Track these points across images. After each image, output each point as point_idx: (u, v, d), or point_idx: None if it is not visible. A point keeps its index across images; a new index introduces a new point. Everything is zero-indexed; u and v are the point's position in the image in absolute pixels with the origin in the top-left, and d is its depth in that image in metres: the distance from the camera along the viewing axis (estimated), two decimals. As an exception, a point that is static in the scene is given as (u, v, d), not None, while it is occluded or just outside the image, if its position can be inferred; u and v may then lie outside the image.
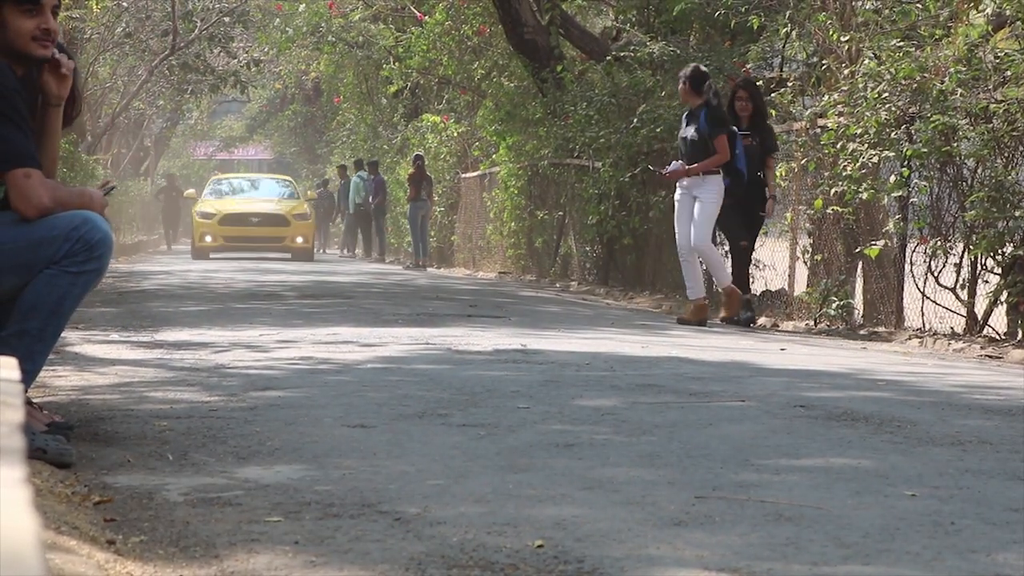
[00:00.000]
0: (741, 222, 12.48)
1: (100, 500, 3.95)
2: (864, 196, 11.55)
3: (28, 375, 4.54)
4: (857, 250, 12.04)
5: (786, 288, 13.62)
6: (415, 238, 28.29)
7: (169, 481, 4.27)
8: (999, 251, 10.39)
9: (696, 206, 12.14)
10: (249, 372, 7.33)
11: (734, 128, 12.18)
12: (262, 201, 32.25)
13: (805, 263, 13.15)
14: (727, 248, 13.64)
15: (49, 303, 4.53)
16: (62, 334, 4.86)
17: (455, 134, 28.65)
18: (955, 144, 10.82)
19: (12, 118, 4.46)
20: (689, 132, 12.13)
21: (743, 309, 12.37)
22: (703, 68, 12.37)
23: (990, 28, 11.13)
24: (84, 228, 4.54)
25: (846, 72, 12.20)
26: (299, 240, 30.92)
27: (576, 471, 4.41)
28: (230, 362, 7.84)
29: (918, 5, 11.80)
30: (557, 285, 19.91)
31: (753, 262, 14.76)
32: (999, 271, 10.50)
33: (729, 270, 12.77)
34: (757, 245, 13.10)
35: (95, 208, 4.69)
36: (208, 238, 30.75)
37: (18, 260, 4.51)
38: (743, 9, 15.02)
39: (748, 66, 16.01)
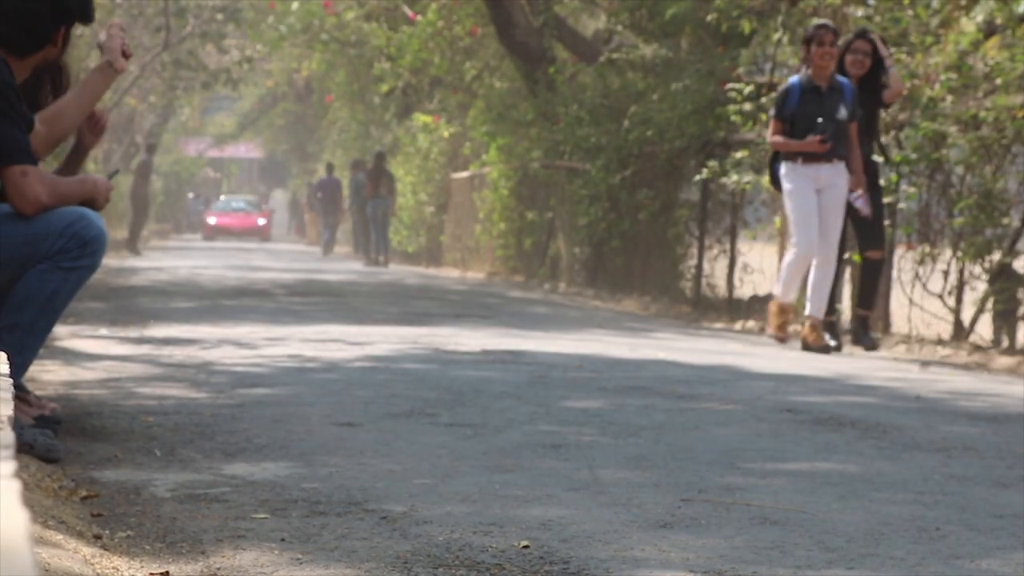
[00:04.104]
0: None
1: (87, 495, 3.96)
2: (853, 202, 11.56)
3: (18, 368, 4.55)
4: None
5: (774, 292, 13.63)
6: (377, 235, 28.44)
7: (156, 477, 4.28)
8: (986, 258, 10.42)
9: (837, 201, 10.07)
10: (237, 369, 7.33)
11: None
12: None
13: (794, 268, 13.15)
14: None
15: (41, 298, 4.53)
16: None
17: (446, 134, 28.65)
18: (944, 151, 10.84)
19: (8, 113, 4.47)
20: (841, 112, 9.87)
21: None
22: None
23: (981, 36, 11.16)
24: (79, 225, 4.55)
25: (837, 78, 12.21)
26: None
27: (562, 472, 4.43)
28: (218, 359, 7.84)
29: (909, 12, 11.82)
30: (546, 286, 19.92)
31: (742, 266, 14.80)
32: (986, 278, 10.53)
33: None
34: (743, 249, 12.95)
35: (99, 194, 4.72)
36: None
37: (13, 255, 4.52)
38: (735, 14, 15.03)
39: (739, 70, 16.02)
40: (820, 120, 9.82)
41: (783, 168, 10.01)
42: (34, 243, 4.53)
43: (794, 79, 10.00)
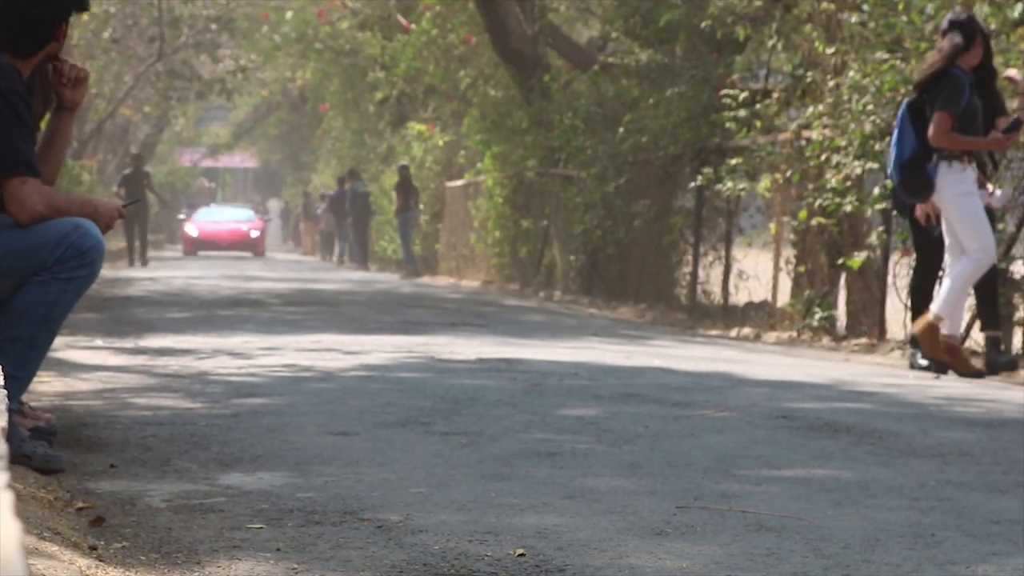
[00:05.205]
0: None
1: (83, 506, 3.95)
2: (848, 208, 11.58)
3: (21, 382, 4.55)
4: (840, 261, 12.07)
5: (769, 299, 13.64)
6: (404, 247, 28.48)
7: (151, 487, 4.27)
8: (982, 264, 10.39)
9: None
10: (232, 379, 7.33)
11: None
12: None
13: (788, 274, 13.17)
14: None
15: (40, 309, 4.53)
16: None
17: (440, 143, 28.66)
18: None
19: (14, 123, 4.48)
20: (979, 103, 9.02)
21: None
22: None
23: (974, 42, 11.15)
24: (75, 235, 4.55)
25: (831, 84, 12.24)
26: None
27: (558, 480, 4.42)
28: (213, 369, 7.83)
29: (903, 18, 11.82)
30: (541, 294, 19.92)
31: (738, 272, 14.80)
32: (982, 284, 10.50)
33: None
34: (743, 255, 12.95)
35: (100, 217, 4.70)
36: None
37: (9, 265, 4.52)
38: (729, 20, 15.05)
39: (734, 77, 16.04)
40: (1016, 116, 8.81)
41: (948, 168, 8.87)
42: (31, 254, 4.53)
43: (956, 70, 8.92)
